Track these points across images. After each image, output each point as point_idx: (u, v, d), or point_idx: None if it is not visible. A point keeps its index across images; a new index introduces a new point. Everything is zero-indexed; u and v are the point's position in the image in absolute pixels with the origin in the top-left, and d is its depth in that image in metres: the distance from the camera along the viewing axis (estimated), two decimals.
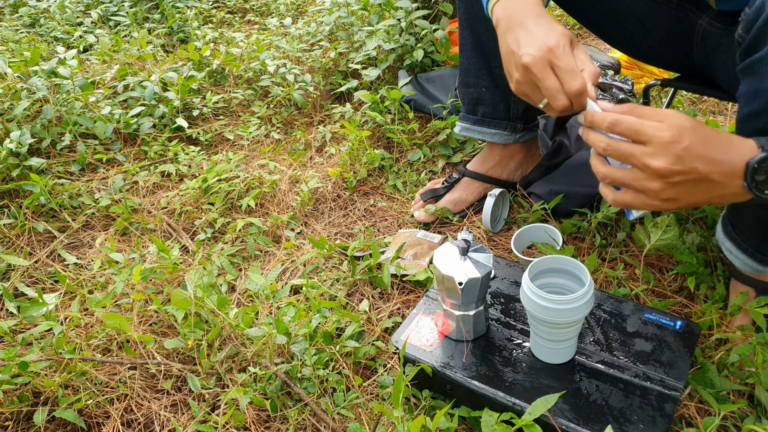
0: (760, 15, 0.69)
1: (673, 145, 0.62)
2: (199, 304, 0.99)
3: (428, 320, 0.94)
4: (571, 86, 0.71)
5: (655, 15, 1.03)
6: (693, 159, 0.62)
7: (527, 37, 0.75)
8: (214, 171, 1.45)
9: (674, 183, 0.64)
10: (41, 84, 1.66)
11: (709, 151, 0.63)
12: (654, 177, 0.64)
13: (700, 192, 0.65)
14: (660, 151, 0.63)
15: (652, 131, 0.63)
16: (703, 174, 0.63)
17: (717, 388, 0.87)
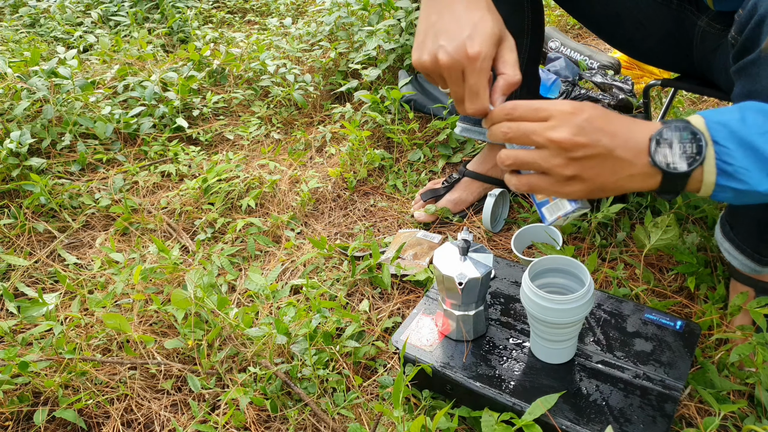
0: (752, 17, 0.69)
1: (574, 116, 0.61)
2: (199, 304, 0.99)
3: (428, 320, 0.94)
4: (469, 107, 0.68)
5: (655, 16, 1.03)
6: (595, 130, 0.61)
7: (451, 25, 0.67)
8: (214, 171, 1.45)
9: (578, 157, 0.61)
10: (41, 84, 1.66)
11: (612, 125, 0.62)
12: (557, 151, 0.62)
13: (607, 171, 0.62)
14: (561, 123, 0.61)
15: (551, 106, 0.62)
16: (608, 148, 0.61)
17: (717, 388, 0.87)
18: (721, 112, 0.62)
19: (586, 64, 1.92)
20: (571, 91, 1.72)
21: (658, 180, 0.62)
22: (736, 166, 0.59)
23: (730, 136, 0.59)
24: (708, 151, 0.60)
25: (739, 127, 0.60)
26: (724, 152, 0.59)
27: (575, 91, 1.73)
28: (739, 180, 0.60)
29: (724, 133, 0.60)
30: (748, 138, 0.59)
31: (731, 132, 0.59)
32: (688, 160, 0.60)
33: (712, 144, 0.60)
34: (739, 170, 0.59)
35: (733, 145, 0.59)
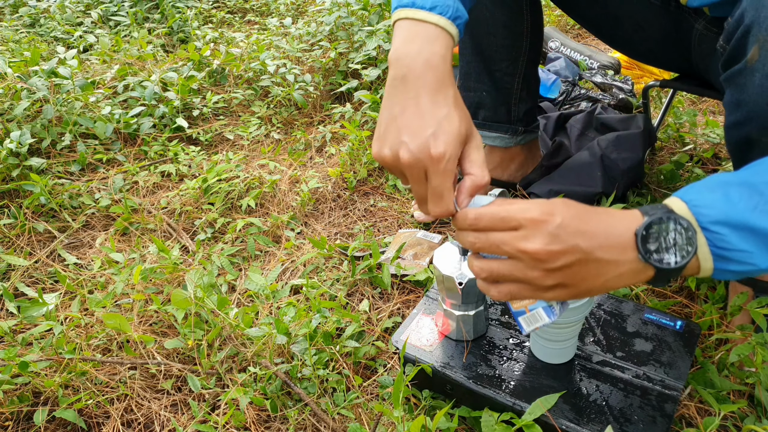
0: (739, 26, 0.69)
1: (545, 224, 0.55)
2: (199, 304, 0.99)
3: (428, 320, 0.94)
4: (432, 209, 0.63)
5: (653, 18, 1.03)
6: (571, 235, 0.55)
7: (415, 121, 0.62)
8: (214, 171, 1.45)
9: (557, 267, 0.56)
10: (41, 84, 1.66)
11: (588, 224, 0.56)
12: (533, 263, 0.56)
13: (592, 275, 0.57)
14: (532, 232, 0.55)
15: (519, 214, 0.56)
16: (587, 251, 0.55)
17: (717, 388, 0.87)
18: (701, 192, 0.57)
19: (586, 64, 1.92)
20: (571, 91, 1.72)
21: (650, 274, 0.57)
22: (732, 251, 0.55)
23: (720, 220, 0.54)
24: (699, 239, 0.55)
25: (726, 209, 0.55)
26: (716, 238, 0.55)
27: (575, 91, 1.73)
28: (738, 262, 0.55)
29: (712, 217, 0.55)
30: (739, 218, 0.54)
31: (720, 215, 0.55)
32: (680, 252, 0.55)
33: (701, 231, 0.55)
34: (736, 254, 0.55)
35: (724, 229, 0.54)
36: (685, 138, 1.54)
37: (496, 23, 1.14)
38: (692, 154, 1.48)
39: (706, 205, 0.55)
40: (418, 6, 0.66)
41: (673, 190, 1.31)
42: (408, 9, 0.67)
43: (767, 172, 0.56)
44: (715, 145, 1.50)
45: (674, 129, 1.56)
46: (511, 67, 1.20)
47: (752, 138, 0.73)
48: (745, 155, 0.77)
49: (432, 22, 0.65)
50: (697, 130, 1.57)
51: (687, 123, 1.57)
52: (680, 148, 1.52)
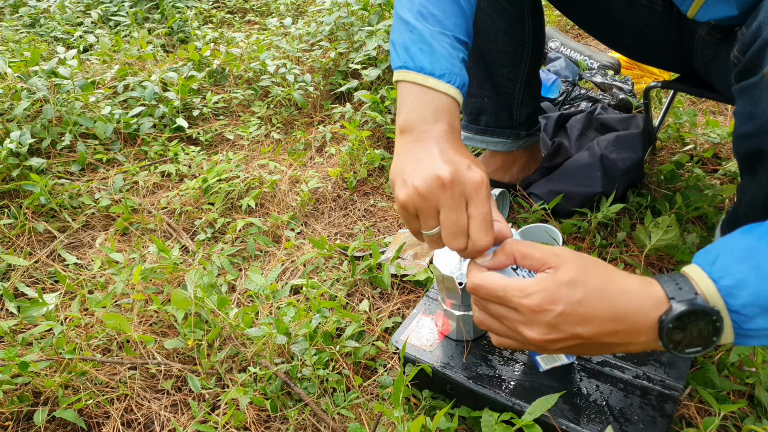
0: (756, 39, 0.69)
1: (544, 314, 0.53)
2: (199, 304, 0.99)
3: (428, 320, 0.94)
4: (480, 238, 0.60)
5: (655, 24, 1.03)
6: (571, 325, 0.53)
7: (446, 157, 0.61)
8: (214, 171, 1.45)
9: (557, 348, 0.56)
10: (41, 84, 1.66)
11: (596, 310, 0.53)
12: (530, 344, 0.56)
13: (596, 350, 0.56)
14: (530, 320, 0.54)
15: (517, 299, 0.54)
16: (589, 338, 0.54)
17: (717, 388, 0.87)
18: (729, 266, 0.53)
19: (586, 64, 1.92)
20: (571, 91, 1.72)
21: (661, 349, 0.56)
22: (758, 330, 0.52)
23: (751, 302, 0.51)
24: (725, 322, 0.52)
25: (757, 289, 0.51)
26: (744, 320, 0.52)
27: (575, 91, 1.73)
28: (760, 338, 0.53)
29: (743, 299, 0.51)
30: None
31: (751, 298, 0.51)
32: (703, 342, 0.53)
33: (728, 315, 0.52)
34: (759, 332, 0.52)
35: (754, 310, 0.51)
36: (685, 138, 1.54)
37: (497, 30, 1.14)
38: (692, 154, 1.48)
39: (737, 287, 0.52)
40: (427, 72, 0.65)
41: (673, 191, 1.31)
42: (414, 73, 0.66)
43: None
44: (716, 145, 1.50)
45: (674, 129, 1.56)
46: (512, 73, 1.20)
47: (764, 150, 0.73)
48: (755, 165, 0.77)
49: (442, 91, 0.65)
50: (697, 130, 1.57)
51: (687, 123, 1.57)
52: (680, 148, 1.52)
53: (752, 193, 0.80)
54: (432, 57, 0.66)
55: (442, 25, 0.69)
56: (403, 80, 0.67)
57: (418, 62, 0.66)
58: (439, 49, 0.67)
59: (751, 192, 0.81)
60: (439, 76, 0.66)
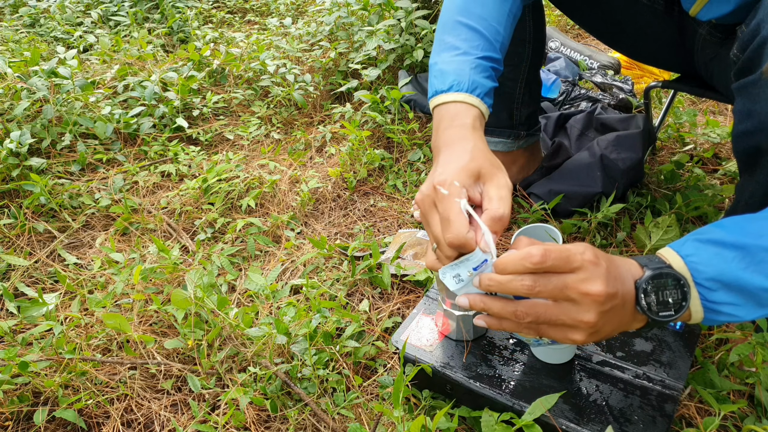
0: (755, 37, 0.69)
1: (600, 267, 0.57)
2: (199, 304, 0.99)
3: (428, 320, 0.94)
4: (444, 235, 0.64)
5: (656, 24, 1.03)
6: (614, 279, 0.58)
7: (434, 168, 0.69)
8: (214, 171, 1.45)
9: (606, 310, 0.58)
10: (41, 84, 1.66)
11: (618, 270, 0.59)
12: (592, 306, 0.57)
13: (616, 319, 0.60)
14: (593, 275, 0.57)
15: (579, 256, 0.57)
16: (621, 296, 0.58)
17: (717, 388, 0.87)
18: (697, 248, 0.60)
19: (586, 64, 1.92)
20: (571, 91, 1.72)
21: (643, 323, 0.62)
22: (722, 304, 0.59)
23: (713, 277, 0.59)
24: (692, 293, 0.59)
25: (721, 268, 0.58)
26: (709, 293, 0.59)
27: (575, 91, 1.73)
28: (727, 315, 0.59)
29: (707, 274, 0.59)
30: (731, 277, 0.58)
31: (714, 273, 0.59)
32: (674, 307, 0.59)
33: (694, 286, 0.59)
34: (725, 307, 0.59)
35: (716, 285, 0.59)
36: (685, 138, 1.54)
37: None
38: (692, 154, 1.48)
39: (702, 263, 0.59)
40: (440, 91, 0.78)
41: (673, 191, 1.31)
42: (434, 98, 0.78)
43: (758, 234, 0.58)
44: (715, 145, 1.50)
45: (674, 129, 1.56)
46: (513, 73, 1.20)
47: (762, 148, 0.73)
48: (753, 164, 0.77)
49: (451, 101, 0.76)
50: (697, 130, 1.57)
51: (687, 123, 1.57)
52: (680, 148, 1.52)
53: (750, 192, 0.80)
54: (442, 78, 0.78)
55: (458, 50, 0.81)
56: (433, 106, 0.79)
57: (436, 88, 0.79)
58: (448, 69, 0.79)
59: (749, 190, 0.81)
60: (447, 90, 0.77)
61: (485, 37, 0.82)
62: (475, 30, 0.82)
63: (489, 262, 0.63)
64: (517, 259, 0.58)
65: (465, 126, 0.73)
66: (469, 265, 0.65)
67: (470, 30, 0.82)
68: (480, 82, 0.78)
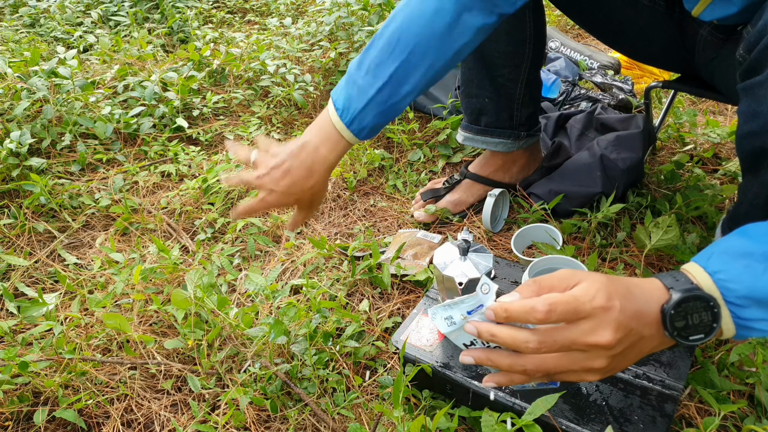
0: (762, 38, 0.69)
1: (611, 312, 0.54)
2: (199, 304, 0.99)
3: (428, 320, 0.94)
4: None
5: (657, 24, 1.03)
6: (629, 319, 0.55)
7: None
8: (214, 171, 1.45)
9: (617, 353, 0.56)
10: (41, 84, 1.66)
11: (635, 304, 0.56)
12: (600, 352, 0.55)
13: (636, 352, 0.58)
14: (601, 323, 0.54)
15: (588, 304, 0.54)
16: (637, 332, 0.56)
17: (717, 388, 0.87)
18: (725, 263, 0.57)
19: (586, 64, 1.92)
20: (571, 91, 1.72)
21: (671, 344, 0.59)
22: (755, 321, 0.56)
23: (745, 295, 0.55)
24: (723, 312, 0.56)
25: (751, 284, 0.55)
26: (741, 311, 0.56)
27: (575, 91, 1.73)
28: (759, 330, 0.57)
29: (738, 293, 0.56)
30: (763, 293, 0.55)
31: (745, 291, 0.55)
32: (704, 329, 0.56)
33: (725, 305, 0.56)
34: (758, 323, 0.56)
35: (748, 302, 0.55)
36: (685, 138, 1.54)
37: (498, 30, 1.14)
38: (692, 154, 1.48)
39: (731, 279, 0.56)
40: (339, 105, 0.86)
41: (673, 191, 1.31)
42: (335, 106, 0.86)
43: None
44: (716, 145, 1.50)
45: (674, 129, 1.56)
46: (513, 73, 1.19)
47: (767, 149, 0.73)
48: (757, 165, 0.77)
49: (337, 122, 0.86)
50: (698, 130, 1.57)
51: (687, 123, 1.57)
52: (680, 148, 1.52)
53: (754, 193, 0.80)
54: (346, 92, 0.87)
55: None
56: None
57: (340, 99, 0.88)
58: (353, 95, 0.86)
59: (752, 191, 0.81)
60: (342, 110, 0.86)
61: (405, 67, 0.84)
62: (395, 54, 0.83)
63: (484, 307, 0.60)
64: (521, 313, 0.55)
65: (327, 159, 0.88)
66: (463, 308, 0.61)
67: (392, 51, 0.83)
68: (368, 123, 0.86)
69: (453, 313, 0.62)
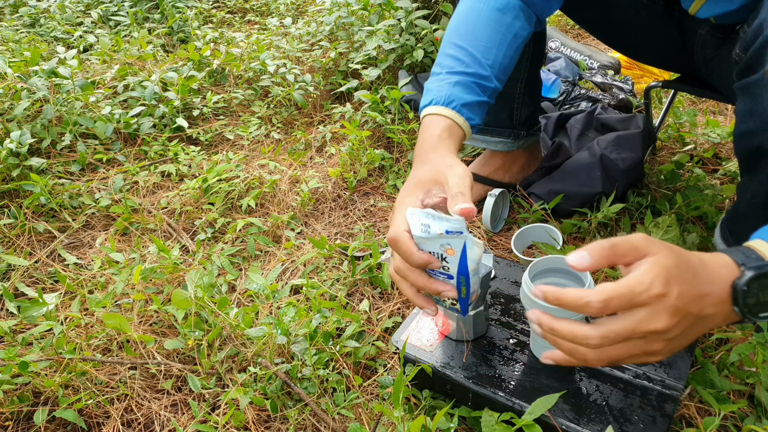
0: (758, 37, 0.69)
1: (666, 299, 0.54)
2: (199, 304, 0.99)
3: (428, 320, 0.94)
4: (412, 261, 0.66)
5: (657, 24, 1.03)
6: (687, 304, 0.55)
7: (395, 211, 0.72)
8: (214, 171, 1.45)
9: (676, 335, 0.56)
10: (41, 84, 1.66)
11: (697, 287, 0.56)
12: (656, 338, 0.55)
13: (696, 331, 0.58)
14: (656, 311, 0.54)
15: (645, 294, 0.54)
16: (696, 314, 0.56)
17: (717, 388, 0.87)
18: None
19: (586, 64, 1.92)
20: (571, 91, 1.72)
21: (737, 320, 0.58)
22: None
23: None
24: None
25: None
26: None
27: (575, 91, 1.73)
28: None
29: None
30: None
31: None
32: None
33: None
34: None
35: None
36: (685, 138, 1.54)
37: None
38: (692, 154, 1.48)
39: None
40: (422, 108, 0.84)
41: (673, 191, 1.31)
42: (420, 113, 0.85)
43: None
44: (716, 145, 1.50)
45: (674, 129, 1.56)
46: (513, 73, 1.19)
47: (764, 148, 0.73)
48: (755, 164, 0.77)
49: (426, 114, 0.83)
50: (698, 130, 1.57)
51: (687, 123, 1.57)
52: (680, 148, 1.52)
53: (752, 192, 0.80)
54: (425, 96, 0.85)
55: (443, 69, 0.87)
56: None
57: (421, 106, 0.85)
58: (431, 87, 0.85)
59: (751, 191, 0.81)
60: (427, 105, 0.83)
61: (472, 55, 0.86)
62: (462, 48, 0.87)
63: (464, 235, 0.63)
64: (575, 305, 0.55)
65: (432, 137, 0.78)
66: (444, 225, 0.63)
67: (458, 49, 0.87)
68: (456, 95, 0.82)
69: (432, 224, 0.64)
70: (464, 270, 0.67)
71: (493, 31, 0.88)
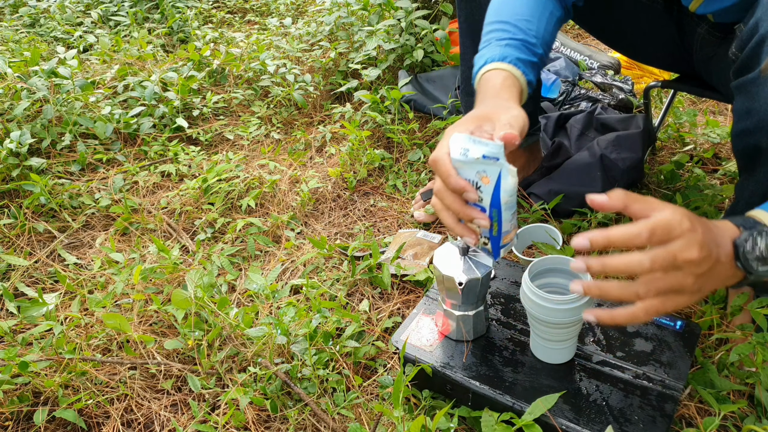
0: (753, 35, 0.69)
1: (696, 233, 0.59)
2: (199, 304, 0.99)
3: (428, 320, 0.94)
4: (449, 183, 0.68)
5: (656, 23, 1.03)
6: (710, 242, 0.60)
7: None
8: (214, 171, 1.45)
9: (702, 272, 0.60)
10: (41, 84, 1.66)
11: (712, 232, 0.61)
12: (690, 269, 0.59)
13: (715, 276, 0.61)
14: (689, 241, 0.58)
15: (679, 228, 0.59)
16: (715, 258, 0.60)
17: (717, 388, 0.87)
18: None
19: (586, 64, 1.92)
20: (571, 91, 1.72)
21: (740, 278, 0.63)
22: None
23: None
24: None
25: None
26: None
27: (575, 91, 1.73)
28: None
29: None
30: None
31: None
32: None
33: None
34: None
35: None
36: (685, 138, 1.54)
37: None
38: (692, 154, 1.48)
39: None
40: (477, 71, 0.85)
41: (673, 191, 1.31)
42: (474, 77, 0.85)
43: None
44: (715, 145, 1.50)
45: (674, 129, 1.56)
46: None
47: (761, 146, 0.73)
48: (753, 162, 0.77)
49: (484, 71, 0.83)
50: (697, 130, 1.57)
51: (687, 123, 1.57)
52: (680, 148, 1.52)
53: (750, 191, 0.80)
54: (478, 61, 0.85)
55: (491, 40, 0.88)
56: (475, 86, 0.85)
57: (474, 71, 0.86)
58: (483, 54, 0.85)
59: (749, 189, 0.81)
60: (484, 64, 0.83)
61: (516, 26, 0.86)
62: (505, 23, 0.87)
63: (501, 161, 0.64)
64: (626, 237, 0.59)
65: (495, 86, 0.79)
66: (482, 149, 0.64)
67: (501, 23, 0.87)
68: (509, 53, 0.82)
69: (471, 147, 0.65)
70: (497, 202, 0.67)
71: (532, 8, 0.89)
